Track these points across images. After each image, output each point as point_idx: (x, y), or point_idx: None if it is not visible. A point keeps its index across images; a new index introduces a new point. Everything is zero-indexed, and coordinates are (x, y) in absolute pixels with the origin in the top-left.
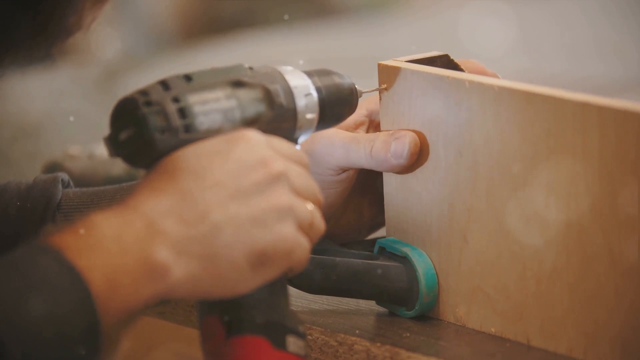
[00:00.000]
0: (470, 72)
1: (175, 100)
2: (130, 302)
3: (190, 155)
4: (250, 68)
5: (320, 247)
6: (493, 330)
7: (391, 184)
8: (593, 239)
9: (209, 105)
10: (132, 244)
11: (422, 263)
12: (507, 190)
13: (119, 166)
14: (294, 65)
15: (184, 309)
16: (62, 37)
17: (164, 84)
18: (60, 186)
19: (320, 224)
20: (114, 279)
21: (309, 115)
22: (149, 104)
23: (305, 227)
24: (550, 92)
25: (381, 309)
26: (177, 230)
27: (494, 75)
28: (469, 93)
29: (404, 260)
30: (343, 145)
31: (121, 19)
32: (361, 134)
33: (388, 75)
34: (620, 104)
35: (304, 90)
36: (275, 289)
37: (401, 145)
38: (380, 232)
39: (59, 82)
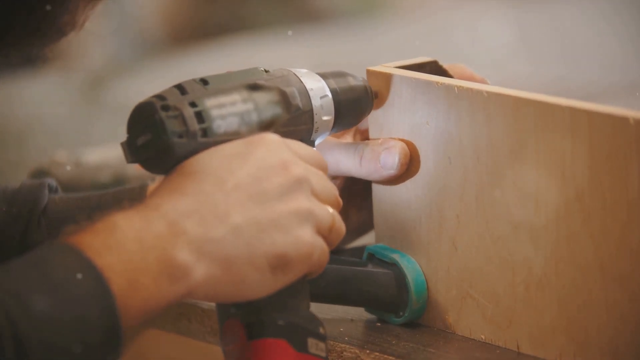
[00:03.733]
0: (458, 76)
1: (193, 104)
2: (151, 303)
3: (211, 158)
4: (266, 71)
5: None
6: (483, 337)
7: (380, 190)
8: (583, 245)
9: (226, 109)
10: (153, 243)
11: (411, 269)
12: (496, 196)
13: (106, 173)
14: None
15: (174, 317)
16: (55, 37)
17: (181, 88)
18: (46, 191)
19: (340, 227)
20: (135, 279)
21: (325, 117)
22: (166, 108)
23: (325, 231)
24: (539, 97)
25: (370, 316)
26: (197, 231)
27: (483, 81)
28: (458, 99)
29: (393, 266)
30: (332, 155)
31: (108, 24)
32: (349, 141)
33: (377, 82)
34: (609, 109)
35: (319, 92)
36: (295, 292)
37: (391, 156)
38: (370, 239)
39: (45, 88)
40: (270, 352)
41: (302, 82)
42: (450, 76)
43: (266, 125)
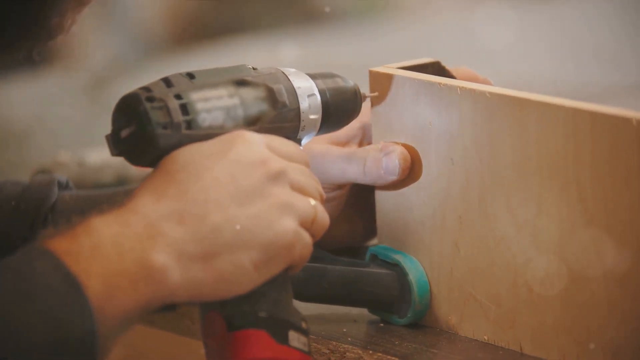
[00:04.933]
0: (463, 79)
1: (178, 96)
2: (129, 307)
3: (190, 155)
4: (254, 68)
5: (312, 254)
6: (485, 338)
7: (382, 191)
8: (585, 246)
9: (212, 103)
10: (131, 247)
11: (414, 270)
12: (499, 197)
13: (108, 173)
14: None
15: (174, 317)
16: (44, 39)
17: (167, 81)
18: (55, 189)
19: (323, 219)
20: (112, 283)
21: (312, 116)
22: (151, 99)
23: (307, 223)
24: (542, 98)
25: (373, 317)
26: (177, 232)
27: (486, 81)
28: (460, 100)
29: (396, 267)
30: (337, 165)
31: (110, 24)
32: (353, 149)
33: (379, 82)
34: (611, 110)
35: (307, 91)
36: (277, 285)
37: (392, 162)
38: (373, 240)
39: (47, 89)
40: (250, 343)
41: (289, 80)
42: (453, 77)
43: (252, 121)
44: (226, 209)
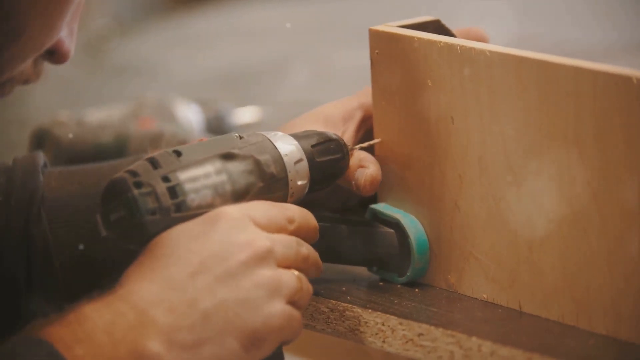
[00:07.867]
0: (472, 38)
1: (165, 179)
2: None
3: (176, 238)
4: (240, 137)
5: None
6: (485, 296)
7: (383, 149)
8: (585, 205)
9: (200, 182)
10: (124, 335)
11: (413, 229)
12: (499, 156)
13: (107, 132)
14: (284, 29)
15: None
16: None
17: (153, 162)
18: (40, 176)
19: (308, 287)
20: None
21: (300, 182)
22: (138, 185)
23: (294, 297)
24: (543, 56)
25: (372, 276)
26: (167, 320)
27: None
28: (460, 58)
29: (396, 226)
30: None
31: None
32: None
33: (379, 41)
34: (613, 69)
35: (294, 157)
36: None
37: (362, 177)
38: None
39: None
40: None
41: (276, 148)
42: (453, 35)
43: (240, 195)
44: (214, 294)
